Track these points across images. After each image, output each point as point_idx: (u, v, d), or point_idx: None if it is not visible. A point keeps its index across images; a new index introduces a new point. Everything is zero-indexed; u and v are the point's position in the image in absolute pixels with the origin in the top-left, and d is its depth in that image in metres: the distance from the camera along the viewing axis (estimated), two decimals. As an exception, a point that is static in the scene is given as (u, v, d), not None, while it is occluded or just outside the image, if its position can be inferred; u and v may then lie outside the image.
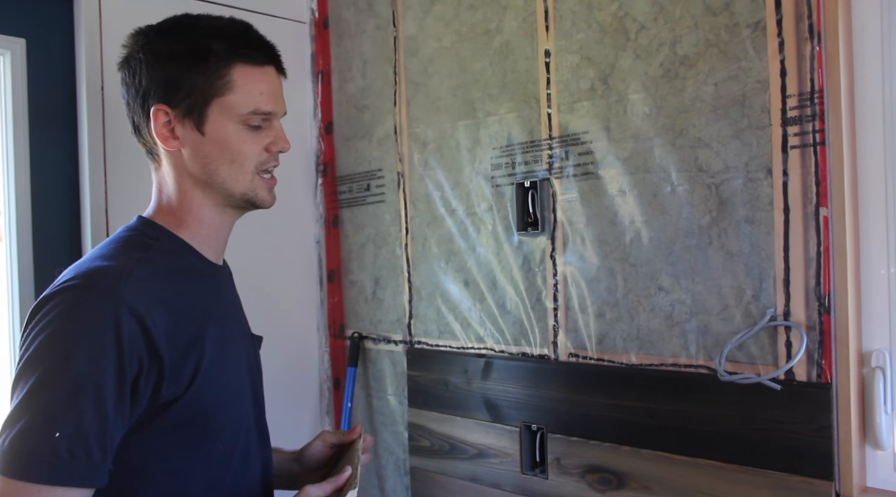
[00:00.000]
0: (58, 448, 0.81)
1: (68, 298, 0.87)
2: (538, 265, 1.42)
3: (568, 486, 1.37)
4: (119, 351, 0.85)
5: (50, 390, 0.82)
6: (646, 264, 1.27)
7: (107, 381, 0.84)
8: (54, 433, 0.81)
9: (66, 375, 0.83)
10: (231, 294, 1.10)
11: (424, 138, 1.61)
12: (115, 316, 0.85)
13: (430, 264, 1.61)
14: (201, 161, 0.99)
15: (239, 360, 1.05)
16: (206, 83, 0.97)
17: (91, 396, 0.83)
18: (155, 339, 0.88)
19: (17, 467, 0.80)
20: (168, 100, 0.97)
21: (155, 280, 0.92)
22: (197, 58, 0.97)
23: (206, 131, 0.98)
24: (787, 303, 1.12)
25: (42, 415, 0.82)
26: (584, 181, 1.35)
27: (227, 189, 1.00)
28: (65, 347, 0.84)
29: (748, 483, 1.15)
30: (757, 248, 1.15)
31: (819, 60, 1.08)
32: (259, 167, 1.00)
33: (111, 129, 1.47)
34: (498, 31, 1.47)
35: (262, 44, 1.01)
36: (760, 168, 1.14)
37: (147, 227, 1.00)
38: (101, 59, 1.47)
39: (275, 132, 1.02)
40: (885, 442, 1.07)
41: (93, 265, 0.91)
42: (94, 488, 0.85)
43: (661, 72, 1.24)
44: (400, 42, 1.66)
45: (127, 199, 1.49)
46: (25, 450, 0.80)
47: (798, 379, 1.11)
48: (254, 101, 0.98)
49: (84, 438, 0.82)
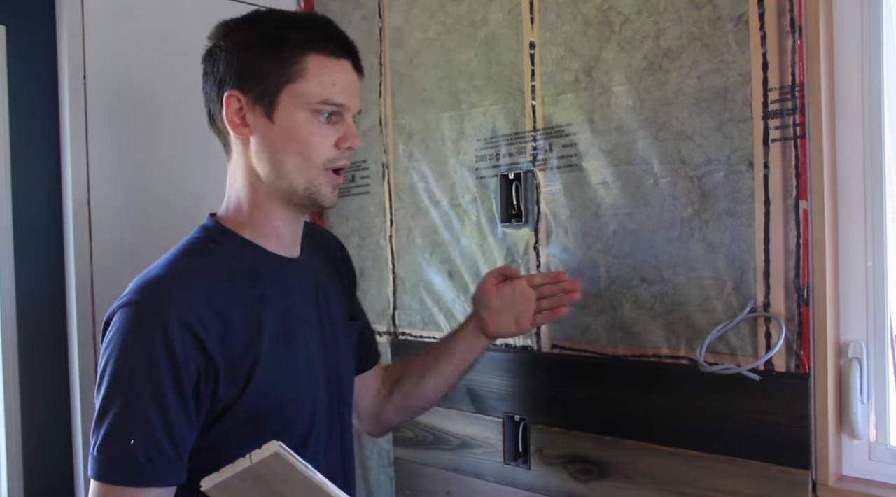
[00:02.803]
0: (134, 454, 0.89)
1: (124, 315, 0.93)
2: (522, 256, 1.42)
3: (550, 476, 1.38)
4: (172, 361, 0.91)
5: (118, 403, 0.91)
6: (628, 256, 1.28)
7: (166, 390, 0.91)
8: (129, 441, 0.89)
9: (129, 390, 0.91)
10: (307, 285, 1.09)
11: (409, 130, 1.61)
12: (164, 328, 0.91)
13: (414, 256, 1.61)
14: (269, 150, 0.99)
15: (309, 356, 1.06)
16: (279, 69, 0.97)
17: (153, 406, 0.90)
18: (207, 344, 0.93)
19: (105, 472, 0.90)
20: (241, 86, 0.98)
21: (207, 286, 0.96)
22: (272, 46, 0.98)
23: (276, 119, 0.98)
24: (767, 294, 1.13)
25: (115, 425, 0.90)
26: (567, 173, 1.35)
27: (291, 182, 0.99)
28: (124, 363, 0.91)
29: (728, 472, 1.17)
30: (738, 241, 1.16)
31: (800, 54, 1.09)
32: (328, 163, 1.00)
33: (93, 119, 1.46)
34: (483, 22, 1.47)
35: (340, 37, 1.02)
36: (742, 161, 1.15)
37: (212, 230, 1.03)
38: (83, 48, 1.45)
39: (346, 128, 1.01)
40: (861, 431, 1.09)
41: (148, 277, 0.96)
42: (174, 486, 0.93)
43: (645, 64, 1.25)
44: (385, 33, 1.66)
45: (110, 190, 1.48)
46: (109, 457, 0.90)
47: (777, 369, 1.12)
48: (326, 90, 0.98)
49: (156, 443, 0.90)
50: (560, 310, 1.20)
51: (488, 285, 1.23)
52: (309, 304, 1.09)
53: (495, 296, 1.22)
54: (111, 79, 1.49)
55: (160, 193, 1.56)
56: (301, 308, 1.06)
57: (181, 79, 1.61)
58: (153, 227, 1.52)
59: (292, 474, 0.84)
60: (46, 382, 1.43)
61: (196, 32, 1.63)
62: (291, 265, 1.07)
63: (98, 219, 1.46)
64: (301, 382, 1.04)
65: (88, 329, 1.43)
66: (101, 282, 1.45)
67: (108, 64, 1.48)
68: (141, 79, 1.54)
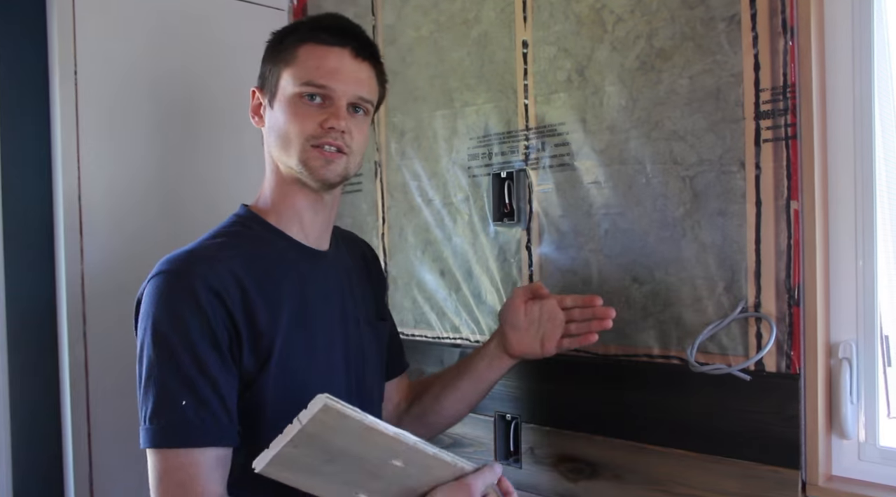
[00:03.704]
0: (186, 415, 0.92)
1: (154, 285, 0.97)
2: (514, 255, 1.42)
3: (541, 475, 1.38)
4: (206, 323, 0.94)
5: (160, 370, 0.93)
6: (620, 255, 1.28)
7: (204, 351, 0.94)
8: (180, 402, 0.92)
9: (169, 355, 0.93)
10: (332, 279, 1.12)
11: (402, 128, 1.61)
12: (193, 293, 0.95)
13: (406, 254, 1.61)
14: (272, 134, 1.07)
15: (329, 346, 1.08)
16: (278, 61, 1.07)
17: (195, 367, 0.93)
18: (233, 312, 0.97)
19: (161, 439, 0.91)
20: (258, 82, 1.11)
21: (234, 261, 1.00)
22: (277, 43, 1.08)
23: (275, 104, 1.06)
24: (758, 294, 1.13)
25: (163, 391, 0.92)
26: (559, 172, 1.35)
27: (288, 161, 1.05)
28: (160, 331, 0.94)
29: (718, 472, 1.17)
30: (729, 241, 1.16)
31: (792, 55, 1.09)
32: (312, 139, 1.03)
33: (85, 117, 1.45)
34: (476, 21, 1.47)
35: (336, 28, 1.07)
36: (734, 161, 1.15)
37: (243, 217, 1.10)
38: (73, 46, 1.44)
39: (333, 110, 1.04)
40: (851, 431, 1.10)
41: (177, 252, 1.01)
42: (230, 448, 0.95)
43: (638, 64, 1.25)
44: (378, 31, 1.65)
45: (101, 186, 1.47)
46: (162, 423, 0.92)
47: (768, 370, 1.13)
48: (309, 73, 1.04)
49: (205, 402, 0.92)
50: (589, 336, 1.17)
51: (516, 302, 1.21)
52: (332, 297, 1.11)
53: (523, 314, 1.20)
54: (102, 77, 1.48)
55: (152, 192, 1.55)
56: (323, 300, 1.09)
57: (174, 77, 1.61)
58: (145, 226, 1.52)
59: (345, 424, 0.84)
60: (36, 382, 1.42)
61: (187, 29, 1.63)
62: (318, 257, 1.11)
63: (89, 218, 1.45)
64: (320, 368, 1.06)
65: (79, 328, 1.42)
66: (92, 281, 1.44)
67: (99, 62, 1.47)
68: (133, 77, 1.53)
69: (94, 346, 1.44)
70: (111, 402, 1.45)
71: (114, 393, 1.44)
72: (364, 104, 1.07)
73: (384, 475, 0.92)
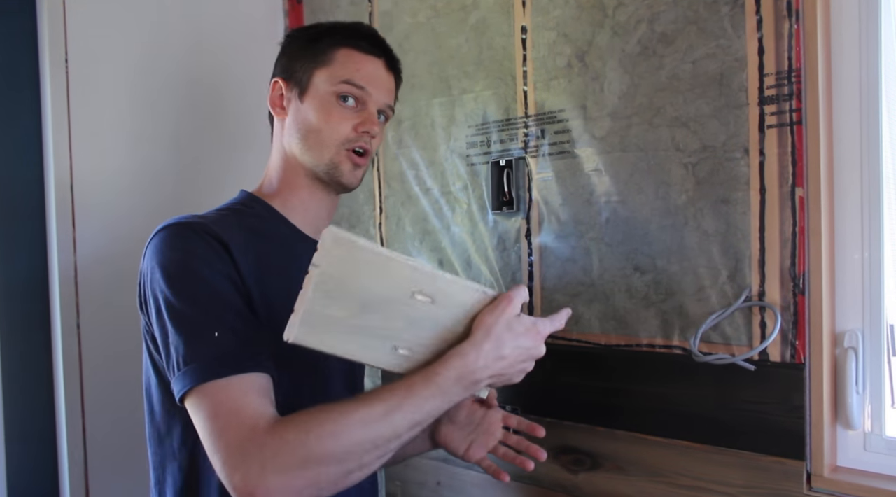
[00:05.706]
0: (223, 343, 0.89)
1: (159, 238, 0.96)
2: (513, 245, 1.40)
3: (542, 466, 1.36)
4: (215, 258, 0.94)
5: (185, 309, 0.91)
6: (622, 244, 1.26)
7: (220, 282, 0.93)
8: (213, 333, 0.89)
9: (188, 292, 0.92)
10: None
11: (399, 116, 1.58)
12: (199, 236, 0.95)
13: (404, 244, 1.58)
14: (297, 128, 1.09)
15: None
16: (313, 58, 1.09)
17: (217, 298, 0.92)
18: (235, 257, 0.97)
19: (203, 374, 0.87)
20: (283, 74, 1.12)
21: (235, 229, 1.01)
22: (311, 41, 1.11)
23: (305, 99, 1.09)
24: (762, 283, 1.11)
25: (193, 327, 0.90)
26: (559, 160, 1.33)
27: (313, 158, 1.08)
28: (174, 272, 0.93)
29: (722, 463, 1.16)
30: (733, 229, 1.14)
31: (797, 39, 1.07)
32: (347, 143, 1.07)
33: (76, 104, 1.43)
34: (474, 6, 1.44)
35: (373, 37, 1.13)
36: (737, 147, 1.13)
37: (245, 198, 1.12)
38: (64, 32, 1.42)
39: (367, 115, 1.09)
40: (856, 422, 1.08)
41: (176, 217, 1.01)
42: (269, 374, 0.91)
43: (639, 49, 1.22)
44: (375, 17, 1.63)
45: (93, 176, 1.45)
46: (202, 358, 0.88)
47: (772, 359, 1.11)
48: (348, 72, 1.08)
49: (238, 330, 0.91)
50: (524, 462, 1.19)
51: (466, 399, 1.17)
52: None
53: (465, 413, 1.20)
54: (93, 64, 1.46)
55: (145, 179, 1.53)
56: None
57: (166, 63, 1.59)
58: (138, 213, 1.50)
59: (360, 256, 0.83)
60: (29, 370, 1.41)
61: (177, 16, 1.61)
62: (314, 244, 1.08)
63: (82, 204, 1.43)
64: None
65: (72, 316, 1.41)
66: (85, 268, 1.43)
67: (90, 48, 1.45)
68: (125, 63, 1.51)
69: (87, 337, 1.42)
70: (106, 393, 1.43)
71: (108, 384, 1.43)
72: (387, 111, 1.14)
73: (416, 318, 0.89)
